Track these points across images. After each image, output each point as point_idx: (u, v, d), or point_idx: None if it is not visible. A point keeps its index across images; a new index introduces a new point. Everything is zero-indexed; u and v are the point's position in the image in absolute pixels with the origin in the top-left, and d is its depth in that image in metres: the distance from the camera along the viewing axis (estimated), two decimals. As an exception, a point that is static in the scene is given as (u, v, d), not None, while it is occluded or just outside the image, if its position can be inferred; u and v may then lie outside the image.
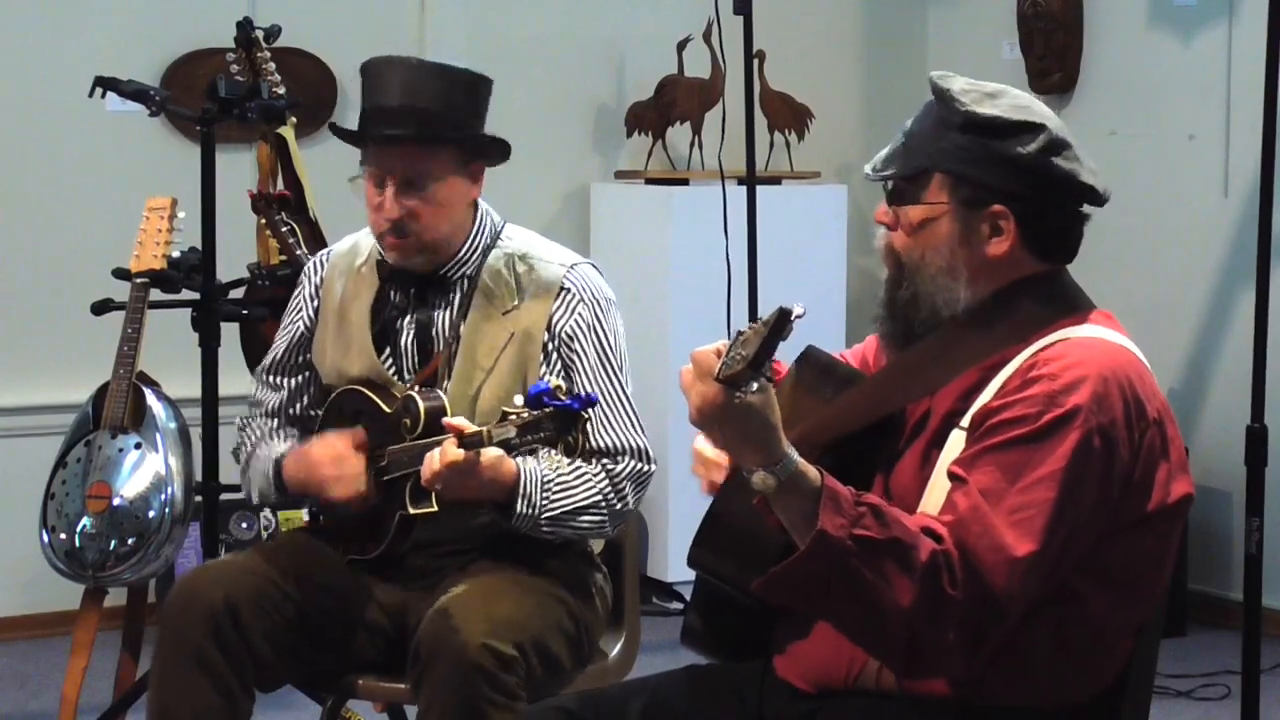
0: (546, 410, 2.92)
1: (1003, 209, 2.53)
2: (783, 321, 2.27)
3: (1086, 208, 2.59)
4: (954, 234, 2.55)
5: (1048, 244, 2.57)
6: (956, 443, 2.50)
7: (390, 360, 3.41)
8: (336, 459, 3.31)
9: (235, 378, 4.58)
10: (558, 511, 3.25)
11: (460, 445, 3.07)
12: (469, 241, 3.39)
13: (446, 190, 3.34)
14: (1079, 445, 2.41)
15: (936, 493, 2.49)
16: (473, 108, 3.38)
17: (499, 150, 3.40)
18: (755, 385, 2.31)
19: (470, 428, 3.06)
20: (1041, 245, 2.57)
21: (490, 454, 3.09)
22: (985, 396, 2.50)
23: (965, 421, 2.50)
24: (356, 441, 3.32)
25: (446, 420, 3.12)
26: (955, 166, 2.54)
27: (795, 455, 2.37)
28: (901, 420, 2.60)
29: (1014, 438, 2.43)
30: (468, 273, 3.39)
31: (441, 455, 3.08)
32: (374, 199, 3.34)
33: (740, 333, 2.32)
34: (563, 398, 2.92)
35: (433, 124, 3.31)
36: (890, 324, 2.63)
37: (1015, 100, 2.57)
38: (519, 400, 2.98)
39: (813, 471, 2.38)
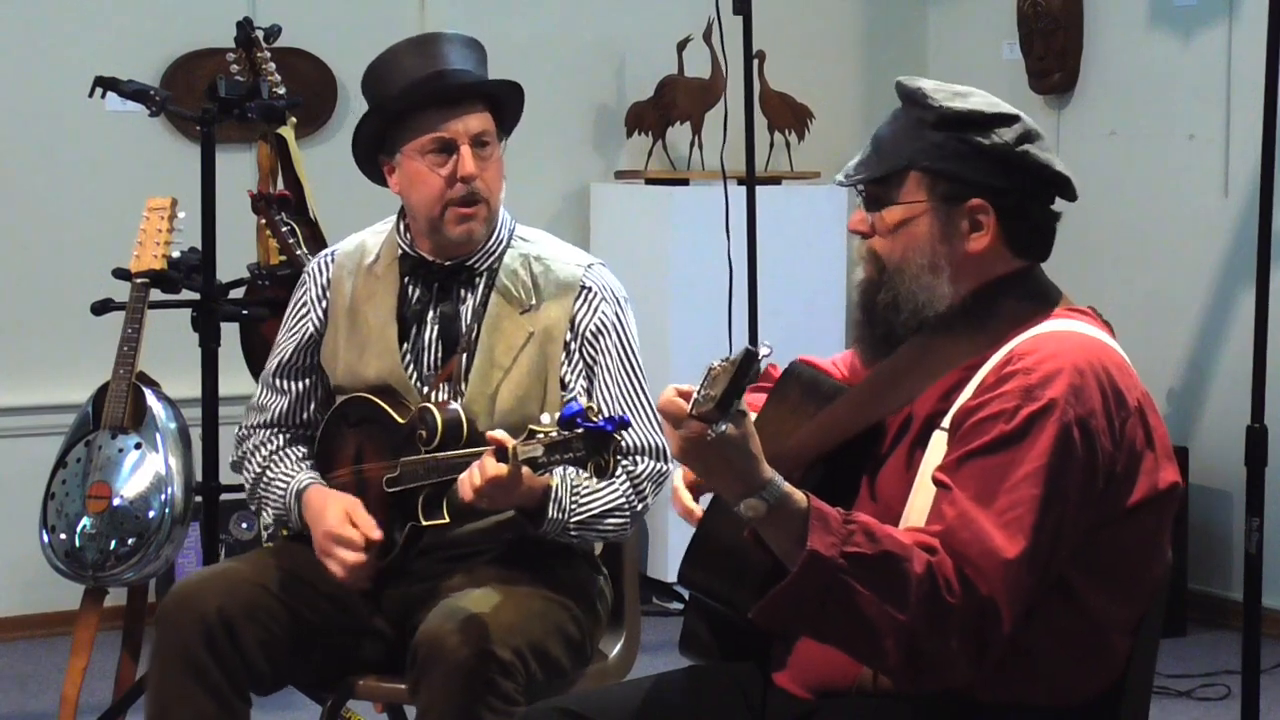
0: (578, 431, 2.83)
1: (982, 203, 2.53)
2: (749, 361, 2.27)
3: (1059, 204, 2.60)
4: (934, 232, 2.55)
5: (1026, 239, 2.57)
6: (938, 443, 2.50)
7: (410, 358, 3.37)
8: (347, 543, 3.24)
9: (235, 378, 4.58)
10: (585, 515, 3.24)
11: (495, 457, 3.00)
12: (496, 231, 3.39)
13: (498, 157, 3.36)
14: (1058, 438, 2.41)
15: (921, 496, 2.49)
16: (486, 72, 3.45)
17: (514, 117, 3.42)
18: (723, 426, 2.31)
19: (510, 441, 2.96)
20: (1020, 240, 2.57)
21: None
22: (964, 396, 2.50)
23: (946, 422, 2.50)
24: (373, 535, 3.24)
25: (491, 434, 3.02)
26: (932, 163, 2.54)
27: (779, 480, 2.37)
28: (883, 426, 2.60)
29: (993, 438, 2.42)
30: (491, 265, 3.37)
31: (482, 471, 3.00)
32: (441, 168, 3.30)
33: (710, 368, 2.32)
34: (595, 419, 2.82)
35: (482, 85, 3.37)
36: (869, 330, 2.62)
37: (986, 97, 2.58)
38: (546, 419, 2.89)
39: (799, 494, 2.38)
